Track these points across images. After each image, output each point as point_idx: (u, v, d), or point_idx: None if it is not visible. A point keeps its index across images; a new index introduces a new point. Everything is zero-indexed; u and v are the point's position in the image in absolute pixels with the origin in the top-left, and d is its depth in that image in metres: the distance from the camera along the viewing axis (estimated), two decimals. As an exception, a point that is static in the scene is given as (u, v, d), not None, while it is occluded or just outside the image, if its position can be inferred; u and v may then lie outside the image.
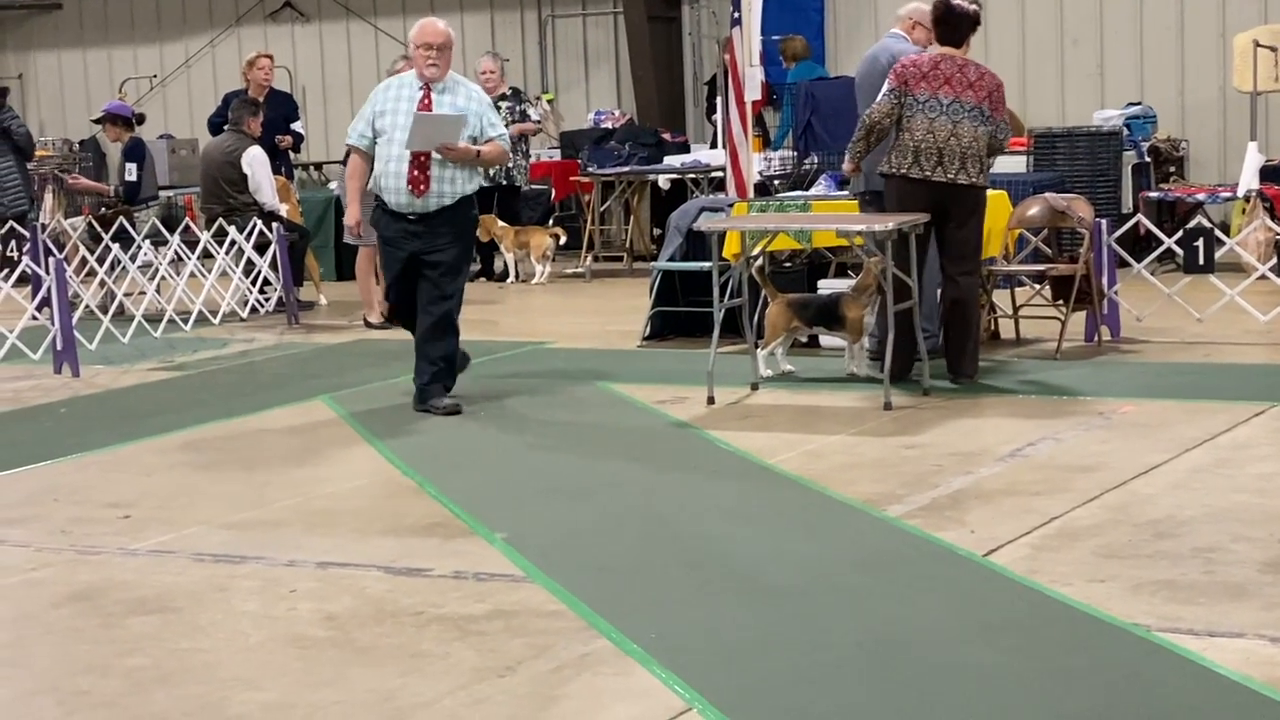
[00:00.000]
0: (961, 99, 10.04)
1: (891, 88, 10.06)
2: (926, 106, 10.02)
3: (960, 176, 10.02)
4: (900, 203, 10.07)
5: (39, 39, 23.33)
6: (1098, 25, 17.86)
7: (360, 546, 6.97)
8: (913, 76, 10.05)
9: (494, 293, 15.74)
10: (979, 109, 10.07)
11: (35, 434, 9.75)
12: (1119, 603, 5.80)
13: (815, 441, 8.66)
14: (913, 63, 10.15)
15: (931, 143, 9.99)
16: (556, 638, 5.67)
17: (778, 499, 7.56)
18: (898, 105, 10.03)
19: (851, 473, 7.91)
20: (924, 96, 10.03)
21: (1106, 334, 11.34)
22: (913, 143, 10.01)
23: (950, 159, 9.99)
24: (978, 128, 10.05)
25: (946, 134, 9.99)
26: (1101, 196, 14.76)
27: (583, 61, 20.64)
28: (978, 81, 10.12)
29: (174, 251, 14.15)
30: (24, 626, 6.18)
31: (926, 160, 10.00)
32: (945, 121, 10.00)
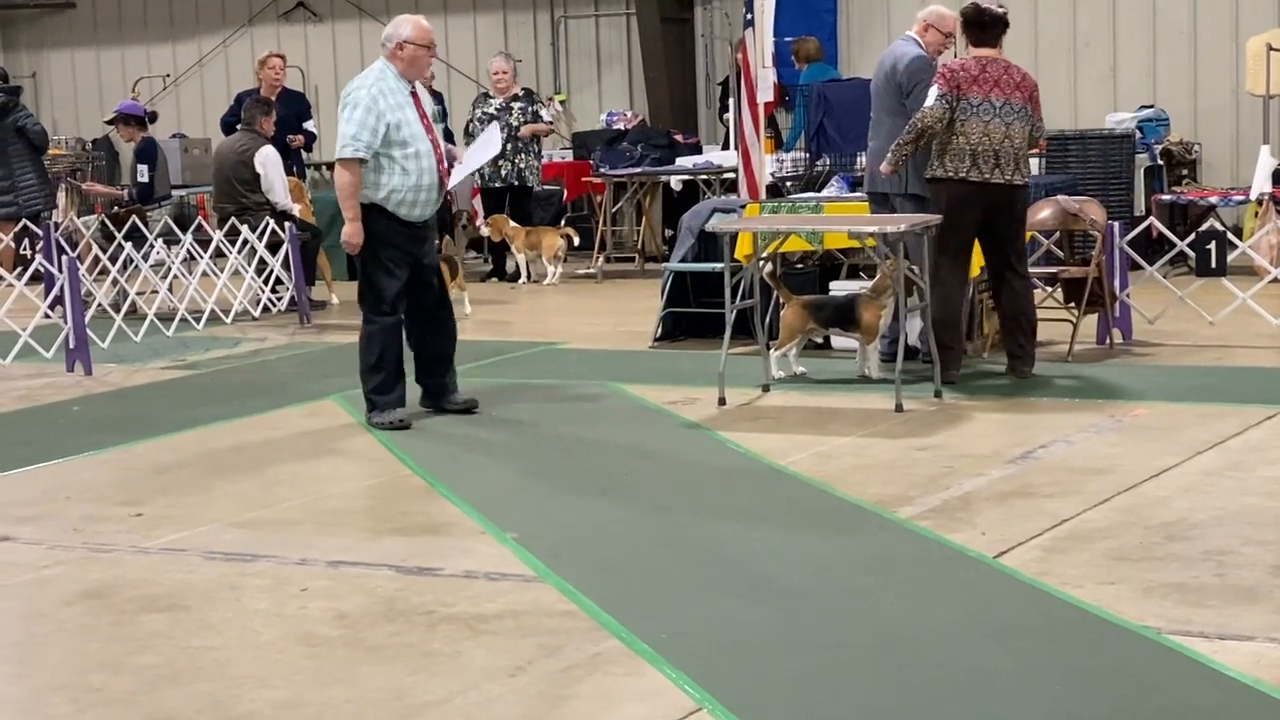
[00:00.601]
0: (1011, 100, 10.18)
1: (942, 92, 10.09)
2: (981, 109, 10.10)
3: (1015, 177, 10.18)
4: (954, 206, 10.12)
5: (52, 38, 23.37)
6: (1110, 28, 17.86)
7: (371, 546, 6.98)
8: (964, 80, 10.12)
9: (506, 293, 15.76)
10: (1025, 109, 10.22)
11: (48, 432, 9.76)
12: (1130, 605, 5.80)
13: (827, 443, 8.66)
14: (961, 66, 10.21)
15: (988, 145, 10.08)
16: (567, 637, 5.67)
17: (789, 500, 7.56)
18: (949, 109, 10.07)
19: (863, 474, 7.91)
20: (977, 100, 10.12)
21: (1118, 337, 11.33)
22: (969, 145, 10.08)
23: (1006, 161, 10.12)
24: (1025, 128, 10.22)
25: (1001, 136, 10.11)
26: (1114, 199, 14.76)
27: (595, 62, 20.65)
28: (1022, 83, 10.28)
29: (186, 250, 14.17)
30: (36, 624, 6.19)
31: (985, 162, 10.08)
32: (999, 124, 10.11)
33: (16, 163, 16.61)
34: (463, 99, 18.29)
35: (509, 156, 16.20)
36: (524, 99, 16.49)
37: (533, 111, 16.45)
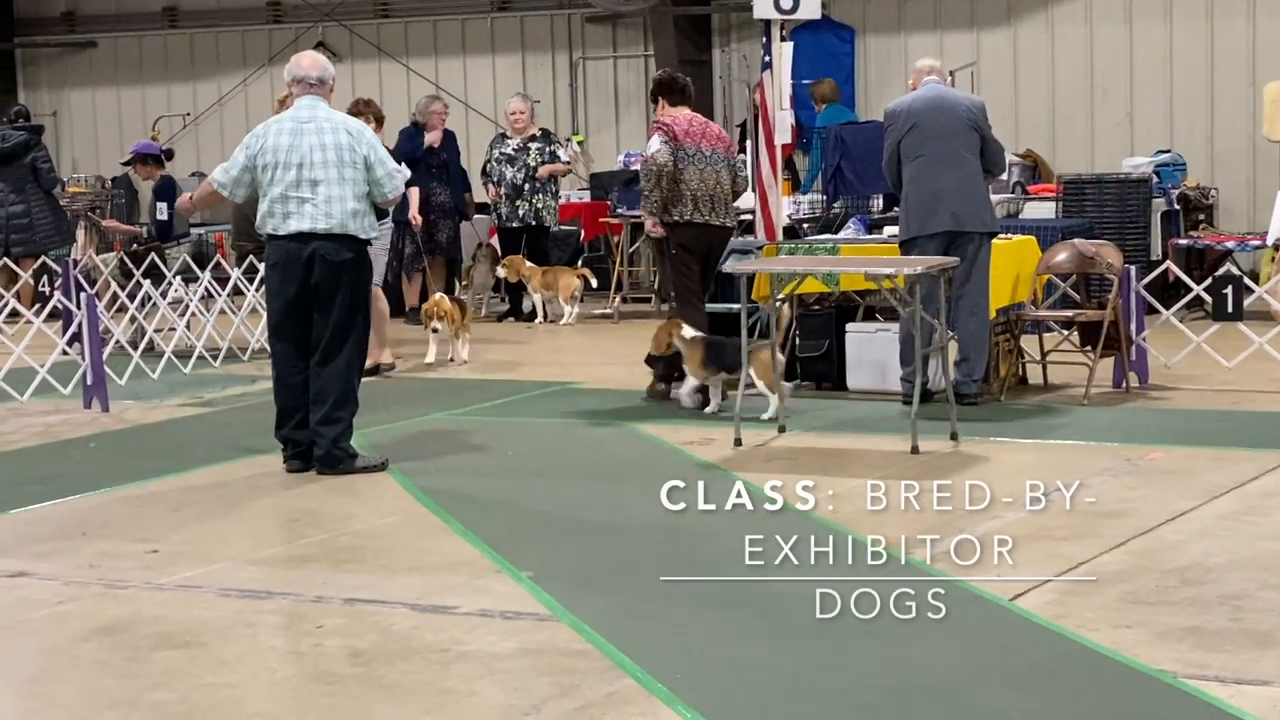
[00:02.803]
0: (717, 150, 11.43)
1: (665, 139, 11.32)
2: (695, 158, 11.30)
3: (727, 220, 11.48)
4: (684, 247, 11.32)
5: (73, 77, 23.48)
6: (1128, 73, 17.89)
7: (387, 583, 6.98)
8: (679, 131, 11.32)
9: (522, 333, 15.78)
10: (727, 159, 11.49)
11: (65, 468, 9.78)
12: (1145, 649, 5.80)
13: (842, 484, 8.64)
14: (674, 120, 11.41)
15: (704, 190, 11.27)
16: (582, 677, 5.68)
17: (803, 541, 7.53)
18: (673, 156, 11.26)
19: (878, 516, 7.89)
20: (692, 149, 11.33)
21: (1135, 380, 11.32)
22: (689, 191, 11.25)
23: (719, 204, 11.35)
24: (729, 176, 11.46)
25: (714, 182, 11.32)
26: (1130, 243, 14.74)
27: (613, 103, 20.71)
28: (720, 135, 11.62)
29: (204, 288, 14.20)
30: (51, 660, 6.21)
31: (704, 206, 11.28)
32: (711, 171, 11.34)
33: (34, 200, 16.69)
34: (481, 140, 18.33)
35: (526, 197, 16.24)
36: (541, 139, 16.53)
37: (550, 151, 16.48)
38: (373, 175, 9.33)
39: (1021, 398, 11.08)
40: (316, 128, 9.33)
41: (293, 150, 9.27)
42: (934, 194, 10.69)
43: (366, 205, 9.34)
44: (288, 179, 9.24)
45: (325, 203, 9.21)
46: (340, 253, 9.22)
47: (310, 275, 9.21)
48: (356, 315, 9.32)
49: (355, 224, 9.26)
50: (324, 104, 9.48)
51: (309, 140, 9.28)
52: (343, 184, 9.24)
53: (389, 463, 9.33)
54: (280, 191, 9.26)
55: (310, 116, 9.38)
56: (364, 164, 9.31)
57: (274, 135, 9.37)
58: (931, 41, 18.28)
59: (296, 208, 9.24)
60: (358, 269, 9.31)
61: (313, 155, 9.25)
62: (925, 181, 10.72)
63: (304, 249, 9.21)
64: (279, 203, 9.27)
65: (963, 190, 10.76)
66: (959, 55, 17.74)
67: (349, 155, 9.29)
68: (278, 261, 9.35)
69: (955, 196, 10.71)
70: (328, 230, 9.22)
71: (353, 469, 9.24)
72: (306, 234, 9.22)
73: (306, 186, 9.22)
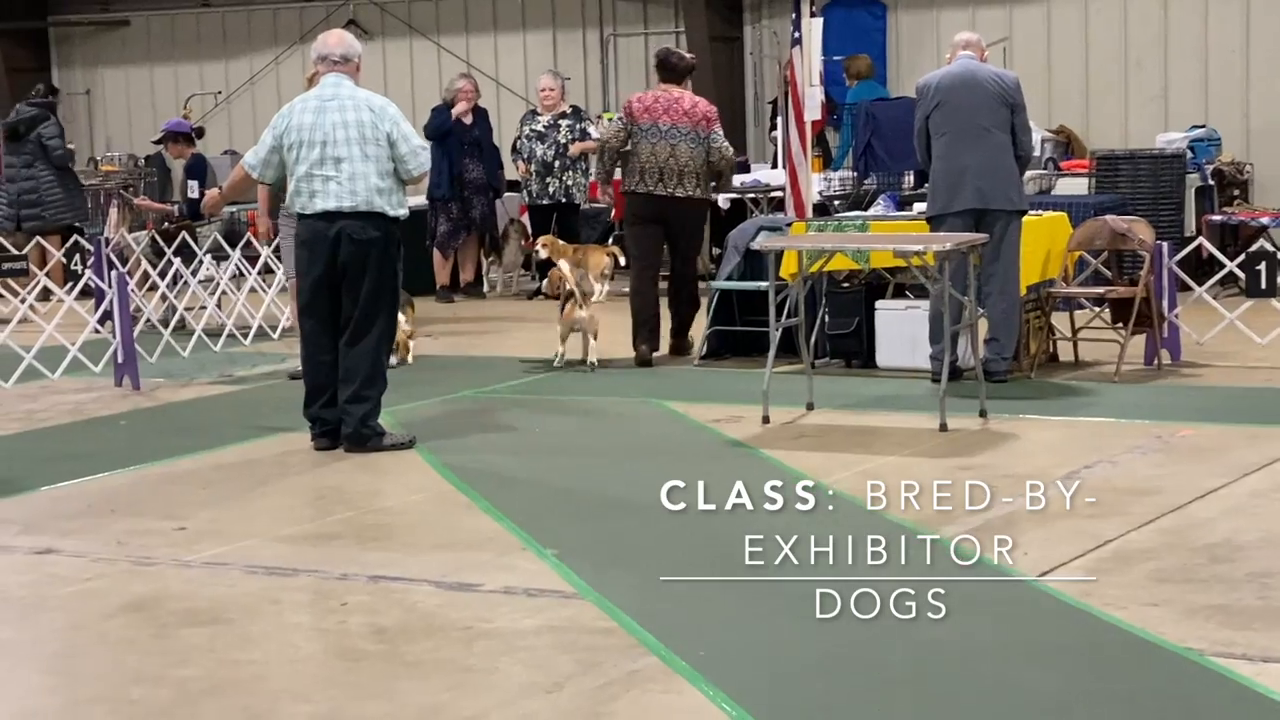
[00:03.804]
0: (678, 125, 12.10)
1: (620, 117, 12.42)
2: (649, 133, 12.11)
3: (678, 190, 12.14)
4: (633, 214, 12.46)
5: (106, 55, 23.51)
6: (1162, 48, 17.77)
7: (412, 561, 6.98)
8: (637, 109, 12.23)
9: (552, 310, 15.73)
10: (693, 133, 12.11)
11: (95, 446, 9.81)
12: (1172, 627, 5.77)
13: (870, 462, 8.63)
14: (637, 99, 12.40)
15: (654, 163, 12.08)
16: (605, 654, 5.67)
17: (830, 519, 7.51)
18: (626, 131, 12.20)
19: (905, 494, 7.86)
20: (646, 125, 12.16)
21: (1167, 357, 11.26)
22: (639, 163, 12.14)
23: (670, 176, 12.11)
24: (694, 149, 12.06)
25: (666, 155, 12.08)
26: (1164, 219, 14.65)
27: (644, 80, 20.63)
28: (690, 110, 12.17)
29: (235, 266, 14.22)
30: (78, 636, 6.23)
31: (650, 177, 12.14)
32: (665, 145, 12.09)
33: (44, 176, 16.73)
34: (512, 117, 18.31)
35: (556, 174, 16.22)
36: (572, 116, 16.49)
37: (581, 129, 16.44)
38: (396, 152, 9.31)
39: (1052, 375, 11.04)
40: (339, 105, 9.33)
41: (316, 128, 9.28)
42: (960, 170, 10.64)
43: (392, 182, 9.32)
44: (312, 157, 9.26)
45: (349, 180, 9.21)
46: (366, 231, 9.21)
47: (337, 254, 9.22)
48: (384, 293, 9.31)
49: (381, 200, 9.25)
50: (349, 82, 9.48)
51: (332, 118, 9.29)
52: (366, 161, 9.24)
53: (416, 440, 9.33)
54: (306, 170, 9.27)
55: (334, 94, 9.39)
56: (387, 141, 9.29)
57: (299, 114, 9.39)
58: (964, 17, 18.18)
59: (322, 186, 9.24)
60: (385, 247, 9.29)
61: (335, 133, 9.26)
62: (951, 158, 10.68)
63: (331, 227, 9.22)
64: (305, 181, 9.29)
65: (988, 167, 10.70)
66: (992, 30, 17.63)
67: (371, 132, 9.28)
68: (305, 240, 9.36)
69: (980, 173, 10.66)
70: (353, 208, 9.21)
71: (380, 447, 9.24)
72: (333, 213, 9.22)
73: (330, 164, 9.23)
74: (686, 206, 12.23)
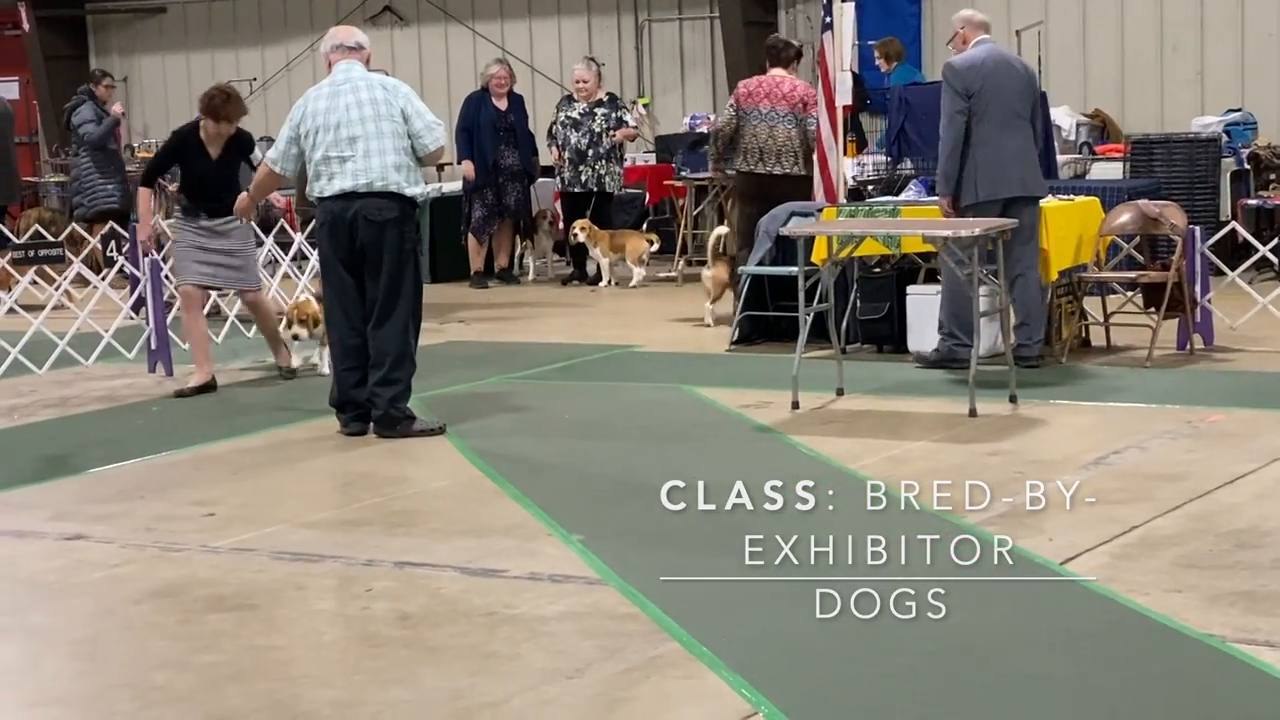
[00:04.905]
0: (777, 108, 13.19)
1: (731, 104, 13.56)
2: (751, 116, 13.28)
3: (775, 168, 13.21)
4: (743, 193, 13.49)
5: (143, 42, 23.60)
6: (1197, 31, 17.67)
7: (438, 547, 7.01)
8: (742, 95, 13.37)
9: (586, 296, 15.78)
10: (791, 115, 13.17)
11: (127, 431, 9.86)
12: (1196, 613, 5.75)
13: (899, 447, 8.63)
14: (744, 84, 13.58)
15: (755, 145, 13.23)
16: (627, 640, 5.69)
17: (855, 504, 7.52)
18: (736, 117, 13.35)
19: (932, 478, 7.85)
20: (749, 109, 13.30)
21: (1199, 342, 11.21)
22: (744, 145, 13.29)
23: (769, 154, 13.18)
24: (790, 129, 13.13)
25: (765, 135, 13.20)
26: (1199, 204, 14.59)
27: (679, 65, 20.64)
28: (789, 94, 13.23)
29: (268, 253, 14.27)
30: (105, 621, 6.27)
31: (751, 156, 13.27)
32: (765, 127, 13.22)
33: (82, 164, 16.77)
34: (547, 103, 18.31)
35: (590, 163, 16.22)
36: (608, 105, 16.48)
37: (617, 117, 16.44)
38: (411, 128, 9.36)
39: (1084, 360, 11.00)
40: (352, 87, 9.43)
41: (330, 112, 9.36)
42: (1004, 158, 10.58)
43: (409, 160, 9.36)
44: (328, 140, 9.33)
45: (364, 157, 9.27)
46: (383, 212, 9.26)
47: (355, 237, 9.26)
48: (406, 274, 9.34)
49: (397, 176, 9.29)
50: (360, 66, 9.60)
51: (345, 100, 9.38)
52: (381, 138, 9.30)
53: (446, 427, 9.36)
54: (322, 154, 9.34)
55: (346, 78, 9.50)
56: (401, 116, 9.35)
57: (313, 102, 9.50)
58: (999, 1, 18.11)
59: (339, 167, 9.31)
60: (403, 226, 9.33)
61: (349, 113, 9.33)
62: (994, 144, 10.58)
63: (348, 209, 9.27)
64: (323, 164, 9.35)
65: (1026, 154, 10.71)
66: (1027, 14, 17.57)
67: (385, 109, 9.34)
68: (324, 223, 9.44)
69: (1021, 161, 10.66)
70: (368, 186, 9.26)
71: (410, 431, 9.28)
72: (349, 193, 9.27)
73: (346, 144, 9.30)
74: (785, 183, 13.07)
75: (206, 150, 10.99)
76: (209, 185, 10.95)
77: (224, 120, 10.99)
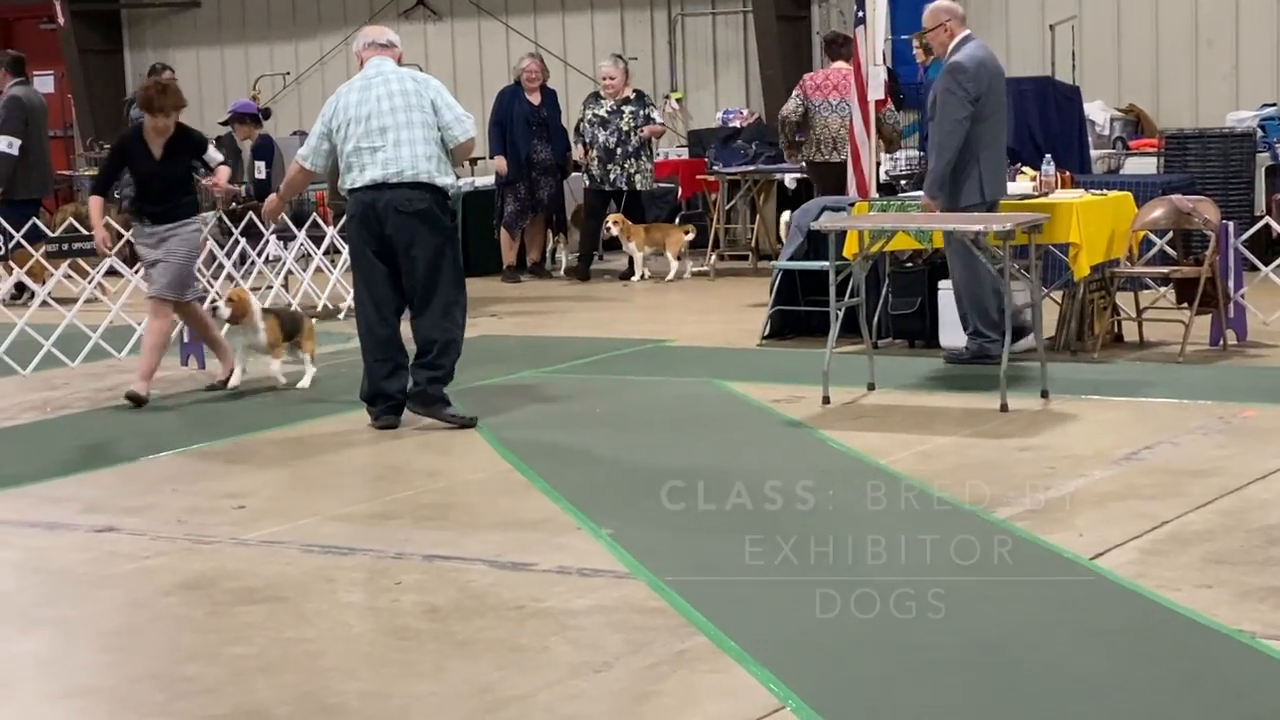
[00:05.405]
0: (846, 100, 13.49)
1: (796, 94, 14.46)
2: (821, 108, 14.15)
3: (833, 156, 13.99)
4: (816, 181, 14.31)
5: (178, 36, 23.66)
6: (1233, 26, 17.59)
7: (468, 540, 7.02)
8: (810, 87, 14.26)
9: (620, 291, 15.79)
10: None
11: (159, 424, 9.89)
12: (1226, 609, 5.73)
13: (929, 442, 8.61)
14: (810, 77, 14.52)
15: (828, 134, 14.05)
16: (655, 634, 5.69)
17: (886, 499, 7.52)
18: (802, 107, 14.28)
19: (963, 474, 7.86)
20: (818, 101, 14.18)
21: (1232, 338, 11.17)
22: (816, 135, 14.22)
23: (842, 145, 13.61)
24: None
25: (837, 126, 13.87)
26: (1233, 199, 14.53)
27: (712, 60, 20.62)
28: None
29: (300, 246, 14.31)
30: (135, 613, 6.29)
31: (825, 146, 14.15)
32: (835, 117, 13.98)
33: None
34: (579, 97, 18.29)
35: (619, 161, 16.21)
36: (635, 102, 16.46)
37: (645, 114, 16.42)
38: (441, 119, 9.42)
39: (1116, 355, 10.97)
40: (384, 79, 9.51)
41: (362, 104, 9.44)
42: (1002, 158, 10.83)
43: (439, 152, 9.42)
44: (359, 132, 9.40)
45: (394, 147, 9.33)
46: (413, 203, 9.30)
47: (386, 228, 9.30)
48: (443, 263, 9.38)
49: (428, 166, 9.35)
50: (391, 63, 9.69)
51: (377, 92, 9.46)
52: (411, 128, 9.36)
53: (478, 420, 9.37)
54: (354, 145, 9.40)
55: (378, 72, 9.59)
56: (431, 108, 9.42)
57: (345, 95, 9.59)
58: (1033, -5, 18.07)
59: (369, 157, 9.37)
60: (435, 216, 9.36)
61: (380, 105, 9.41)
62: (997, 145, 10.70)
63: (378, 200, 9.33)
64: (354, 156, 9.41)
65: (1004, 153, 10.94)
66: (1061, 8, 17.53)
67: (415, 100, 9.42)
68: (355, 214, 9.50)
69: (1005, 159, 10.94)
70: (398, 176, 9.31)
71: (443, 414, 9.35)
72: (380, 183, 9.32)
73: (376, 135, 9.37)
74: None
75: (150, 151, 10.49)
76: (152, 187, 10.47)
77: (159, 113, 10.39)
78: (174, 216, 10.44)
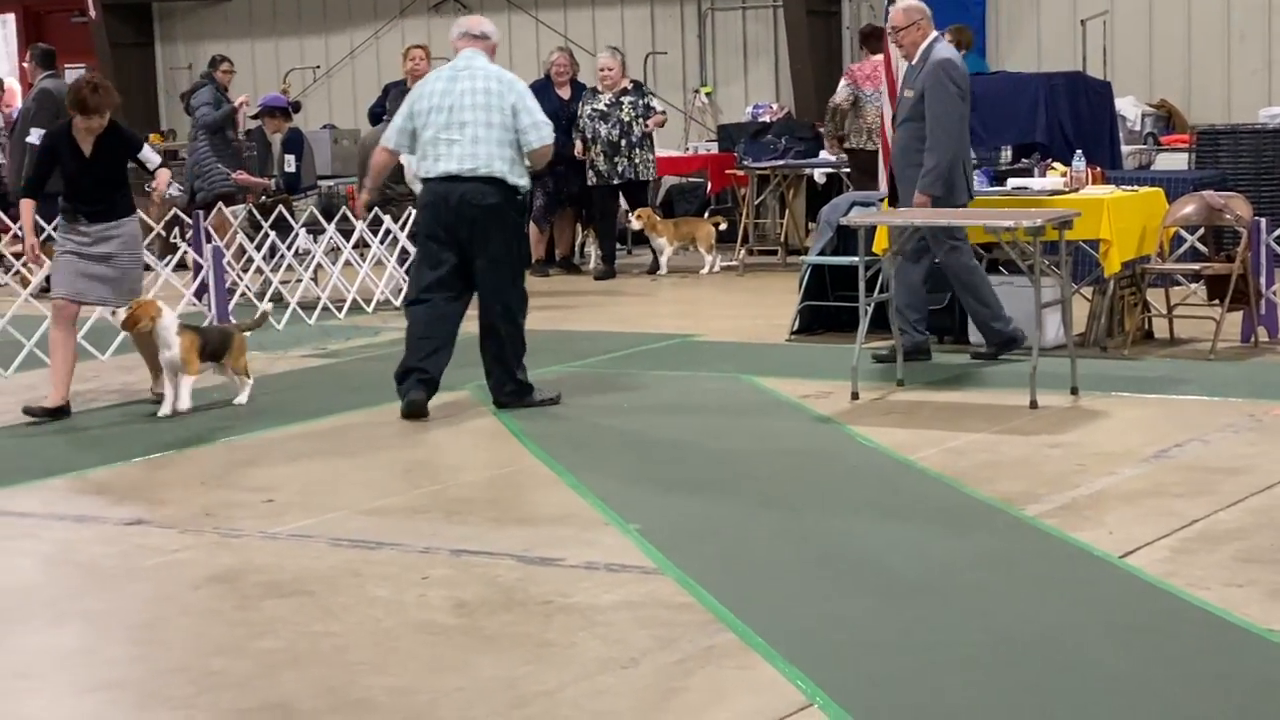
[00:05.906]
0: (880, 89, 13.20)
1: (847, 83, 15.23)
2: (872, 98, 14.53)
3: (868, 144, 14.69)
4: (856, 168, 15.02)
5: (209, 30, 23.73)
6: (1266, 20, 17.53)
7: (496, 535, 7.02)
8: (859, 77, 15.01)
9: (646, 285, 15.78)
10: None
11: (189, 418, 9.88)
12: (1257, 608, 5.70)
13: (958, 439, 8.59)
14: (858, 67, 15.09)
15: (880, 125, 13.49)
16: (682, 630, 5.68)
17: (914, 496, 7.51)
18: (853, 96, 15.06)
19: (992, 471, 7.83)
20: (869, 91, 14.73)
21: (1264, 335, 11.12)
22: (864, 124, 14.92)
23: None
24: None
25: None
26: (1266, 195, 14.45)
27: (742, 55, 20.63)
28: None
29: (330, 240, 14.32)
30: (163, 607, 6.30)
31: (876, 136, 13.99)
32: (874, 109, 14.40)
33: (200, 148, 16.77)
34: (609, 91, 18.30)
35: (624, 153, 16.15)
36: (634, 93, 16.38)
37: (644, 105, 16.36)
38: (519, 123, 9.52)
39: (1147, 352, 10.93)
40: (470, 74, 9.62)
41: (446, 94, 9.57)
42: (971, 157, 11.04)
43: (514, 153, 9.53)
44: (439, 122, 9.53)
45: (471, 143, 9.44)
46: (485, 197, 9.43)
47: (457, 219, 9.45)
48: (509, 259, 9.57)
49: (501, 165, 9.46)
50: (483, 57, 9.76)
51: (462, 85, 9.58)
52: (489, 128, 9.47)
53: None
54: (432, 134, 9.55)
55: (467, 65, 9.69)
56: (511, 111, 9.51)
57: (431, 82, 9.75)
58: (1065, -10, 18.02)
59: (446, 149, 9.50)
60: (505, 213, 9.51)
61: (463, 99, 9.53)
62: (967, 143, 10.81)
63: (451, 192, 9.47)
64: (430, 145, 9.56)
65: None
66: (1092, 3, 17.49)
67: (496, 100, 9.53)
68: (427, 204, 9.66)
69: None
70: (472, 171, 9.43)
71: (532, 402, 9.62)
72: (454, 176, 9.45)
73: (455, 129, 9.49)
74: None
75: (79, 148, 10.03)
76: (83, 186, 10.04)
77: (93, 113, 9.94)
78: (111, 215, 10.06)
